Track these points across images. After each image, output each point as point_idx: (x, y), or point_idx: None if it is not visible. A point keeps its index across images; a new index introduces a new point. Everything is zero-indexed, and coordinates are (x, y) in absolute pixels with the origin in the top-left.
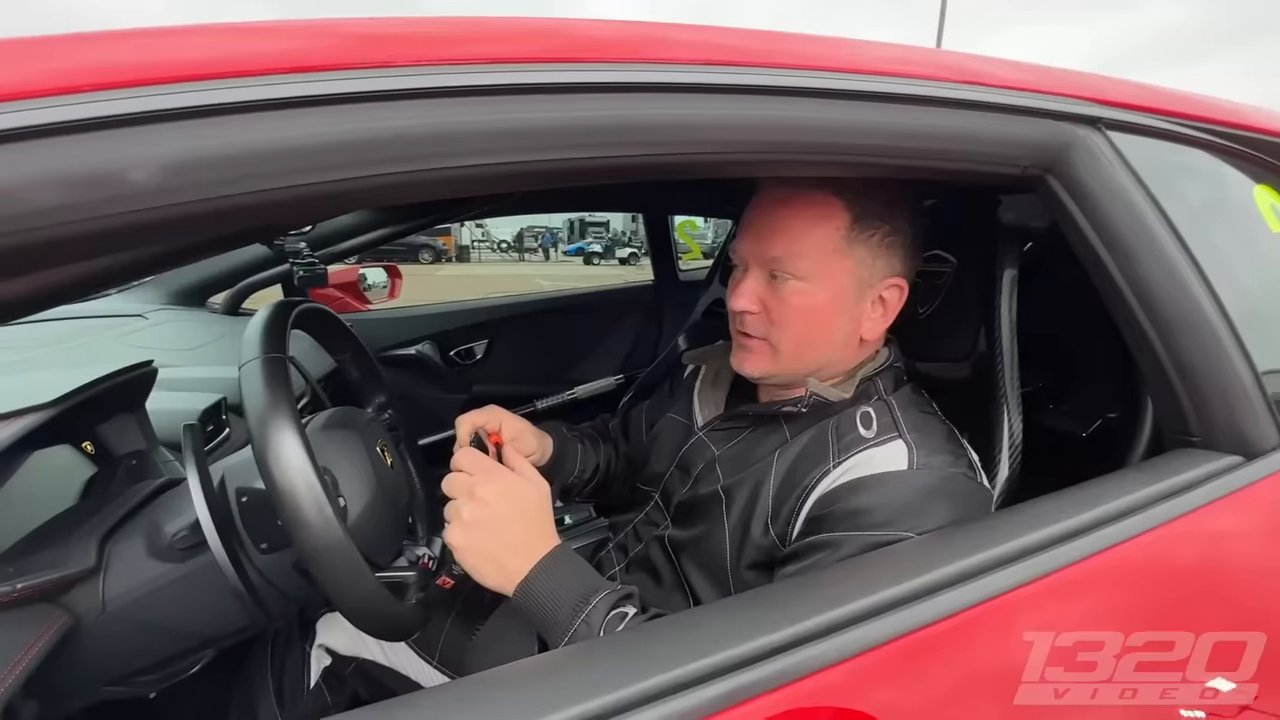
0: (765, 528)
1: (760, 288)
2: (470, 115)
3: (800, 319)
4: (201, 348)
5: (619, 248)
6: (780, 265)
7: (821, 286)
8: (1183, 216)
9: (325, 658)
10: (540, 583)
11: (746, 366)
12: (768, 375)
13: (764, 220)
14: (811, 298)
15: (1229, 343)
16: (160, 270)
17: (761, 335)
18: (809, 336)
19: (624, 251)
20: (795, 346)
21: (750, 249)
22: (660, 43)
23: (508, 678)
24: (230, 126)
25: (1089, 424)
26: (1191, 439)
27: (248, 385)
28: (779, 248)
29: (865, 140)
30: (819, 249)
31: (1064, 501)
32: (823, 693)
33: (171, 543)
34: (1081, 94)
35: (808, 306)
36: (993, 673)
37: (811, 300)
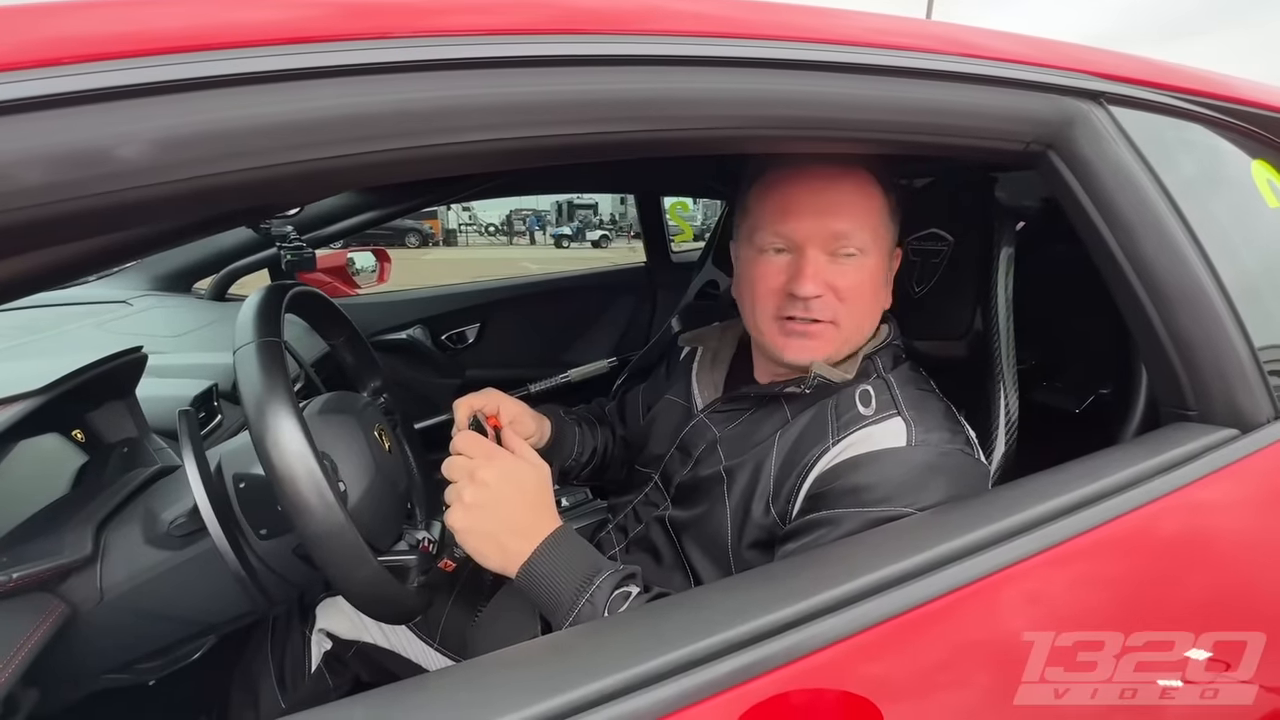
0: (766, 507)
1: (824, 269)
2: (472, 89)
3: (865, 295)
4: (189, 334)
5: (589, 229)
6: (846, 242)
7: (874, 260)
8: (1183, 192)
9: (326, 642)
10: (543, 564)
11: (809, 354)
12: (828, 359)
13: (817, 200)
14: (870, 272)
15: (1227, 318)
16: (148, 253)
17: (829, 318)
18: (867, 311)
19: (595, 234)
20: (856, 323)
21: (809, 229)
22: (660, 14)
23: (516, 658)
24: (223, 100)
25: (1082, 400)
26: (1188, 413)
27: (243, 370)
28: (844, 224)
29: (868, 115)
30: (875, 222)
31: (1063, 476)
32: (828, 668)
33: (169, 530)
34: (1083, 68)
35: (869, 281)
36: (993, 649)
37: (871, 274)
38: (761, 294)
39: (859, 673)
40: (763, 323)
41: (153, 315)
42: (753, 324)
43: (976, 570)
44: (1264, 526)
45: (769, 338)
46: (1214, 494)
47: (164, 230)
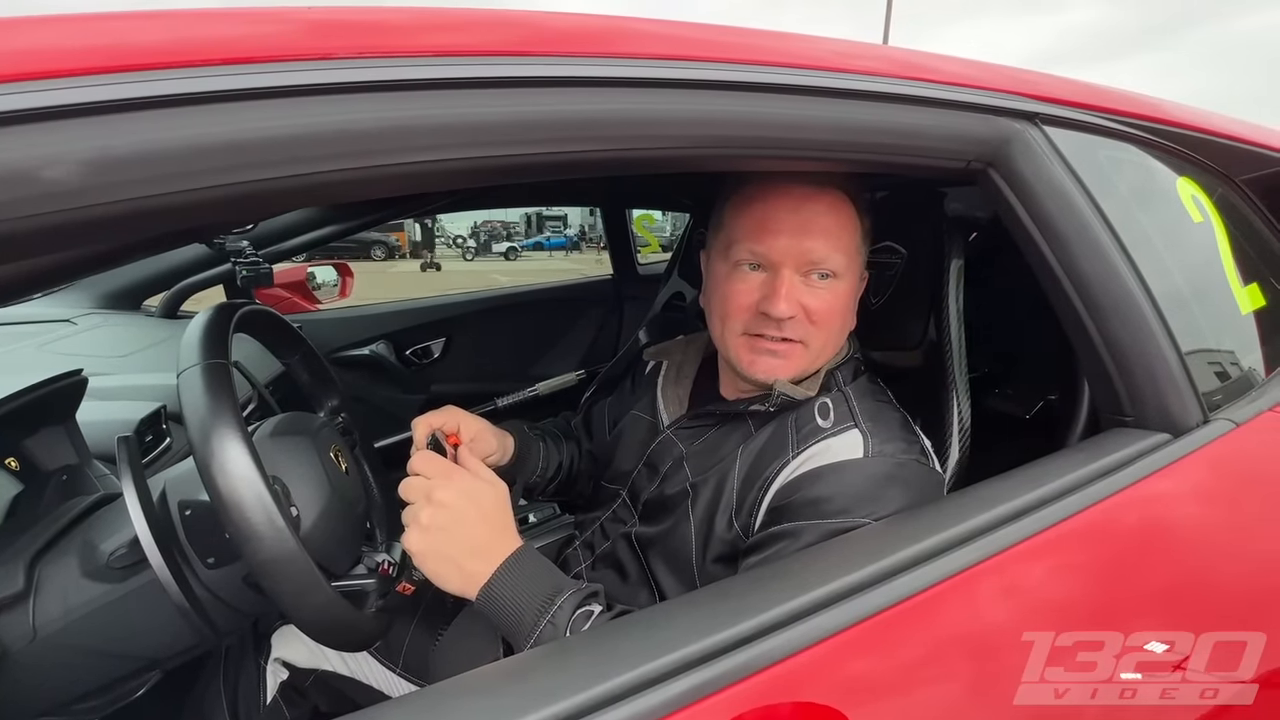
0: (729, 521)
1: (798, 290)
2: (418, 110)
3: (835, 317)
4: (137, 354)
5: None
6: (822, 264)
7: (847, 282)
8: (1114, 207)
9: (282, 672)
10: (503, 586)
11: (779, 372)
12: (795, 378)
13: (796, 219)
14: (843, 295)
15: (1157, 327)
16: (87, 274)
17: (799, 338)
18: (837, 333)
19: (502, 245)
20: (824, 345)
21: (786, 249)
22: (612, 37)
23: (476, 683)
24: (159, 121)
25: (1031, 407)
26: (1124, 418)
27: (187, 394)
28: (822, 247)
29: (818, 135)
30: (850, 245)
31: (1010, 483)
32: (787, 680)
33: (109, 562)
34: (1019, 90)
35: (842, 304)
36: (950, 650)
37: (844, 297)
38: (733, 310)
39: (818, 683)
40: (731, 338)
41: (98, 335)
42: (720, 338)
43: (929, 578)
44: (1197, 525)
45: (736, 353)
46: (1149, 496)
47: (100, 251)
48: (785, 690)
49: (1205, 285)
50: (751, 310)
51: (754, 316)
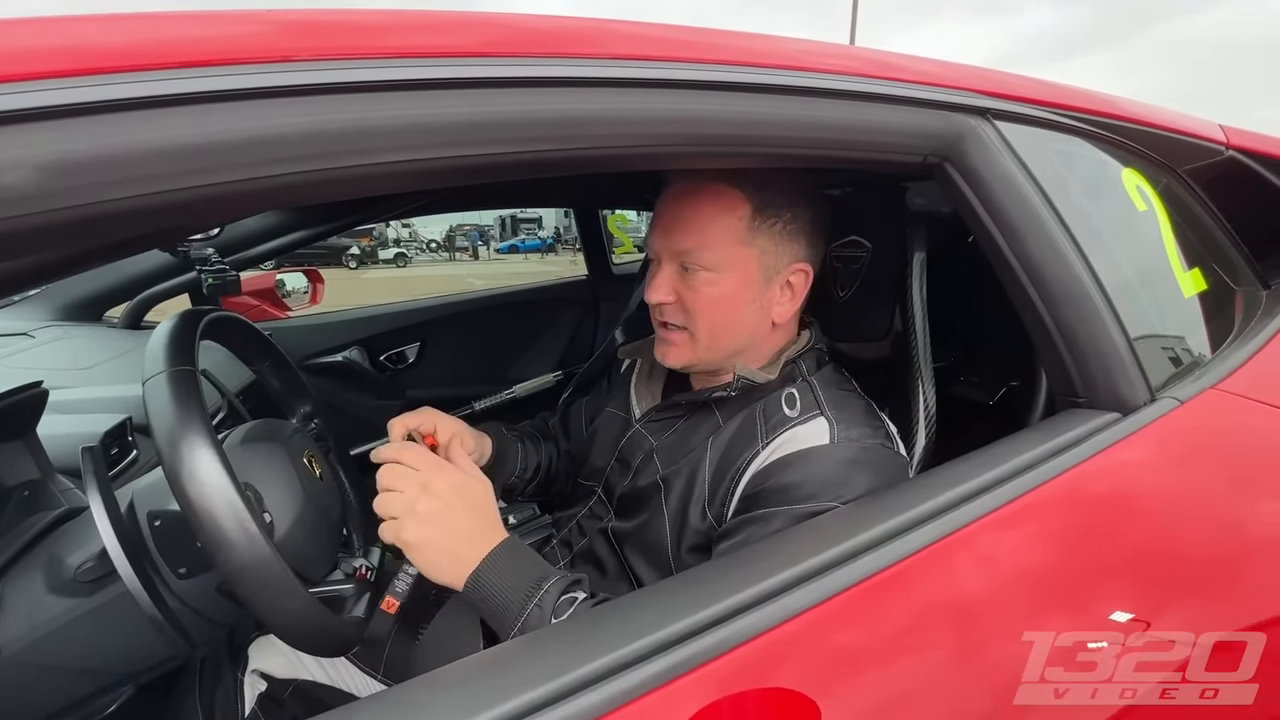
0: (703, 512)
1: (674, 280)
2: (383, 111)
3: (712, 308)
4: (99, 366)
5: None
6: (690, 257)
7: (729, 275)
8: (1063, 199)
9: (260, 683)
10: (491, 573)
11: (670, 358)
12: (690, 365)
13: (671, 215)
14: (720, 287)
15: (1105, 312)
16: (43, 283)
17: (680, 325)
18: (723, 324)
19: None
20: (711, 334)
21: (661, 243)
22: (574, 38)
23: (449, 677)
24: (117, 125)
25: (995, 392)
26: (1077, 400)
27: (153, 402)
28: (687, 241)
29: (778, 133)
30: (724, 240)
31: (970, 464)
32: (755, 659)
33: (75, 576)
34: (972, 86)
35: (718, 295)
36: (909, 624)
37: (721, 289)
38: (646, 300)
39: (782, 662)
40: (654, 328)
41: (58, 347)
42: None
43: (892, 556)
44: (1143, 498)
45: (655, 342)
46: (1099, 471)
47: (57, 259)
48: (753, 668)
49: (1150, 271)
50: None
51: (654, 307)
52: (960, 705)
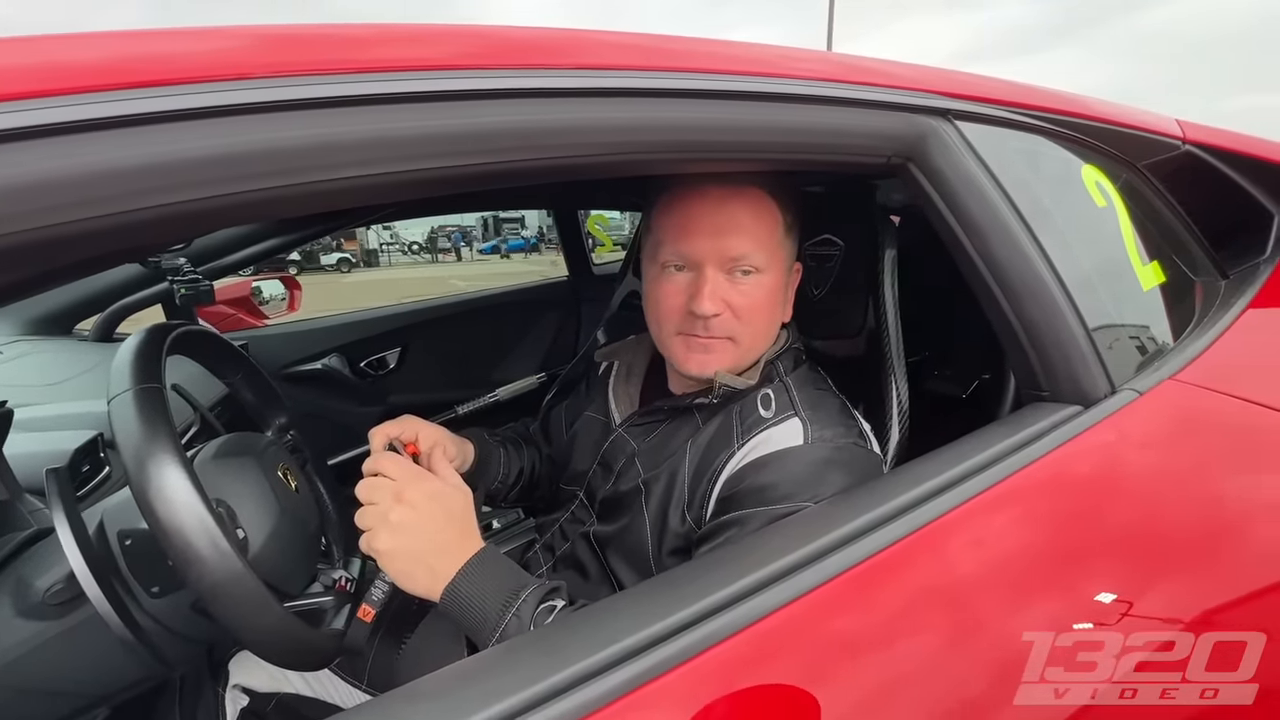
0: (682, 515)
1: (722, 287)
2: (341, 127)
3: (761, 312)
4: (70, 381)
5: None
6: (743, 261)
7: (771, 277)
8: (1023, 196)
9: (242, 698)
10: (467, 584)
11: (711, 367)
12: (732, 370)
13: (715, 219)
14: (766, 289)
15: (1065, 307)
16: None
17: (726, 335)
18: (765, 327)
19: (331, 257)
20: (753, 339)
21: (707, 249)
22: (531, 48)
23: (425, 689)
24: (69, 147)
25: (968, 386)
26: (1041, 393)
27: (119, 421)
28: (741, 245)
29: (745, 138)
30: (770, 241)
31: (938, 460)
32: (726, 661)
33: (45, 599)
34: (933, 88)
35: (764, 298)
36: (879, 624)
37: (768, 292)
38: (665, 311)
39: (756, 662)
40: (666, 338)
41: (26, 363)
42: (658, 339)
43: (862, 553)
44: (1102, 491)
45: (672, 352)
46: (1062, 464)
47: (19, 278)
48: (722, 670)
49: (1109, 266)
50: (681, 310)
51: (684, 316)
52: (946, 695)
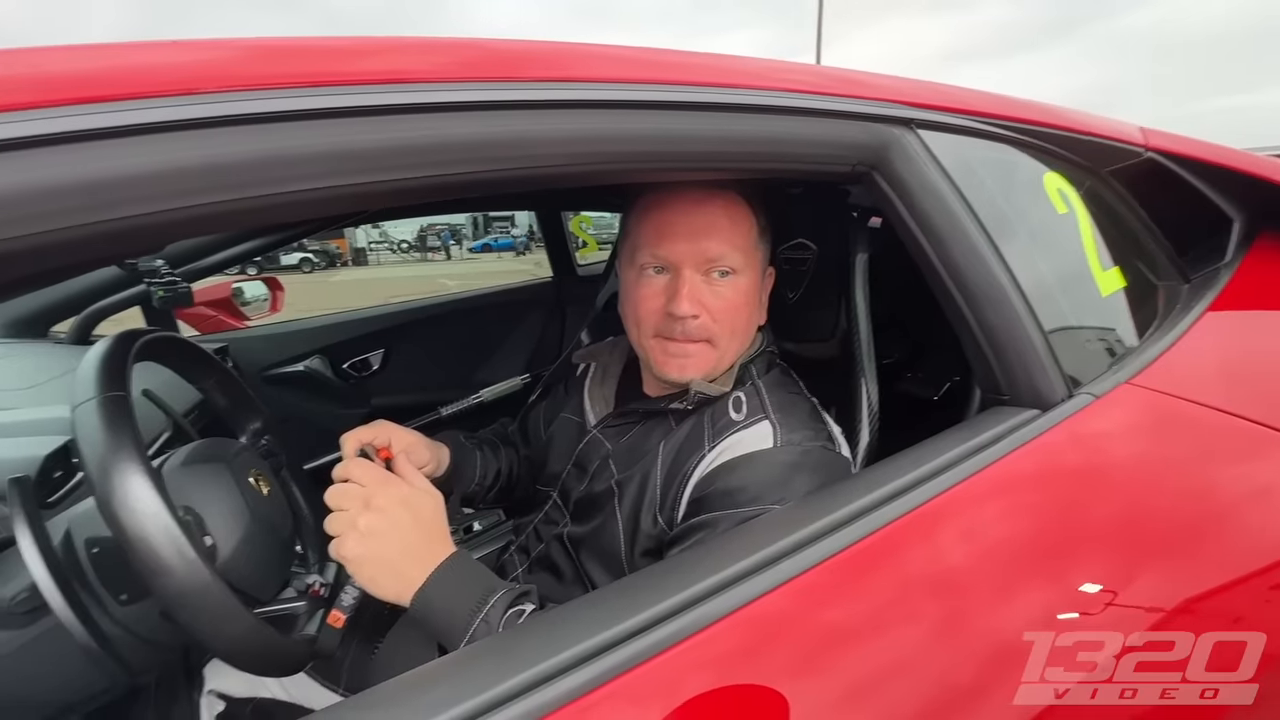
0: (654, 517)
1: (699, 290)
2: (285, 141)
3: (738, 314)
4: (43, 385)
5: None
6: (720, 262)
7: (747, 279)
8: (984, 203)
9: (218, 704)
10: (437, 589)
11: (689, 371)
12: (705, 376)
13: (692, 222)
14: (742, 290)
15: (1023, 313)
16: None
17: (705, 338)
18: (741, 329)
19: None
20: (730, 341)
21: (685, 251)
22: (489, 60)
23: (380, 696)
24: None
25: (938, 389)
26: (1001, 397)
27: (83, 430)
28: (718, 247)
29: (713, 148)
30: (745, 243)
31: (898, 464)
32: (681, 665)
33: (10, 607)
34: (896, 98)
35: (741, 301)
36: (838, 623)
37: (743, 294)
38: (643, 314)
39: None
40: (644, 341)
41: (0, 366)
42: (636, 341)
43: (818, 556)
44: (1057, 494)
45: (650, 355)
46: (1019, 467)
47: None
48: (677, 673)
49: (1068, 272)
50: (660, 313)
51: (662, 318)
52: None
